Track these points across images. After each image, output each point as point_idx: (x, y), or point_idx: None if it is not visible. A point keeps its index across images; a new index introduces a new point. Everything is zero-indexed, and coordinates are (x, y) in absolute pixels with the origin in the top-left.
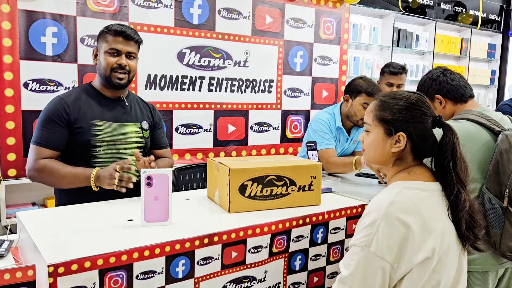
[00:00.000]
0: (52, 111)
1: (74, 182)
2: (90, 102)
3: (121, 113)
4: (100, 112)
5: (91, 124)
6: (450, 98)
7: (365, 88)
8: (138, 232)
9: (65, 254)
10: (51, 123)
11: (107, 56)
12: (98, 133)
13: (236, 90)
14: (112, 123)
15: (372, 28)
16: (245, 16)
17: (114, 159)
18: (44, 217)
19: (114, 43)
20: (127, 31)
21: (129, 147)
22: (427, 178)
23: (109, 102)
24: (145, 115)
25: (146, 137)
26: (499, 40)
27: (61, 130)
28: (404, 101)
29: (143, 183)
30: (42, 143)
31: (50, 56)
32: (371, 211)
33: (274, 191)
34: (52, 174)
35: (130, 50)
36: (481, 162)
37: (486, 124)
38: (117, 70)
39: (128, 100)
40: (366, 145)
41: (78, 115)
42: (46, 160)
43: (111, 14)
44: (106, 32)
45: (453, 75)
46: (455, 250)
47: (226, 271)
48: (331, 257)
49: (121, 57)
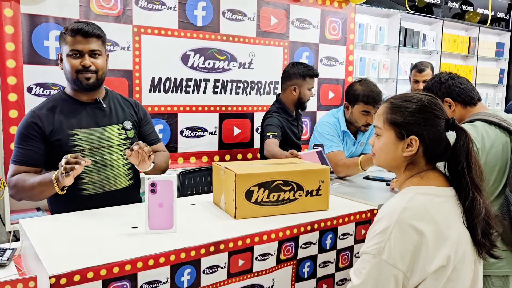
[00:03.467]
0: (24, 126)
1: (44, 189)
2: (65, 110)
3: (100, 116)
4: (77, 120)
5: (68, 134)
6: (459, 101)
7: (362, 96)
8: (142, 240)
9: (67, 264)
10: (25, 139)
11: (70, 59)
12: (77, 143)
13: (241, 92)
14: (91, 129)
15: (378, 28)
16: (250, 17)
17: (100, 165)
18: (47, 225)
19: (73, 44)
20: (85, 28)
21: (113, 151)
22: (441, 183)
23: (85, 107)
24: (128, 113)
25: (131, 137)
26: (508, 39)
27: (36, 145)
28: (416, 104)
29: (147, 189)
30: (18, 161)
31: (53, 60)
32: (383, 217)
33: (281, 196)
34: (24, 188)
35: (92, 48)
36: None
37: (502, 124)
38: (82, 71)
39: (106, 101)
40: (376, 149)
41: (53, 127)
42: (16, 176)
43: (115, 17)
44: (64, 33)
45: (461, 79)
46: (471, 258)
47: (233, 280)
48: (340, 263)
49: (84, 57)
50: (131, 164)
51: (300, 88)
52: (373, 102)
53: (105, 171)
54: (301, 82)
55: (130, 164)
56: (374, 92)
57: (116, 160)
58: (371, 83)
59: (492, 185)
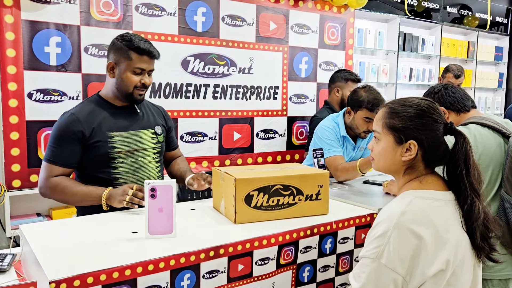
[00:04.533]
0: (63, 128)
1: (86, 200)
2: (103, 114)
3: (134, 121)
4: (114, 123)
5: (107, 136)
6: (453, 109)
7: (366, 102)
8: (142, 245)
9: (67, 269)
10: (62, 141)
11: (132, 75)
12: (116, 145)
13: (241, 97)
14: (127, 132)
15: (378, 33)
16: (249, 22)
17: (135, 167)
18: (47, 230)
19: (139, 62)
20: (153, 51)
21: (146, 154)
22: (440, 187)
23: (121, 112)
24: (158, 119)
25: (161, 142)
26: (507, 43)
27: (73, 147)
28: (414, 108)
29: (147, 195)
30: (53, 161)
31: (54, 66)
32: (382, 221)
33: (281, 200)
34: (64, 193)
35: (152, 68)
36: (496, 162)
37: (495, 127)
38: (139, 88)
39: (139, 106)
40: (375, 154)
41: (94, 130)
42: (58, 179)
43: (115, 23)
44: (129, 48)
45: (454, 88)
46: (470, 262)
47: (233, 285)
48: (340, 268)
49: (145, 75)
50: (160, 167)
51: (342, 90)
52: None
53: (139, 173)
54: (344, 84)
55: (160, 167)
56: (379, 99)
57: (149, 163)
58: (375, 90)
59: (487, 187)
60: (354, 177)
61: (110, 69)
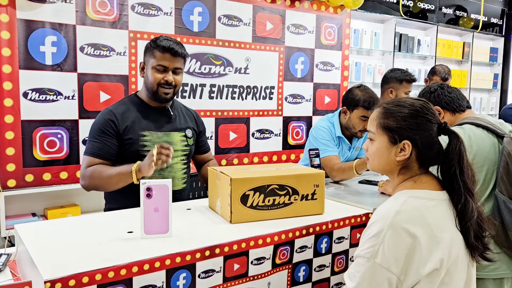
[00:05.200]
0: (101, 122)
1: (121, 179)
2: (137, 113)
3: (166, 122)
4: (147, 123)
5: (139, 135)
6: (448, 109)
7: (362, 101)
8: (138, 245)
9: (62, 269)
10: (101, 134)
11: (154, 72)
12: (146, 143)
13: (237, 97)
14: (158, 132)
15: (374, 33)
16: (246, 22)
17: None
18: (42, 230)
19: (161, 59)
20: (175, 48)
21: (175, 155)
22: (434, 186)
23: (154, 113)
24: (189, 122)
25: (190, 145)
26: (501, 44)
27: (111, 140)
28: (408, 108)
29: (143, 194)
30: (93, 153)
31: (49, 65)
32: (377, 221)
33: (277, 200)
34: (100, 177)
35: (177, 66)
36: (491, 162)
37: (489, 127)
38: (163, 85)
39: (173, 109)
40: (370, 154)
41: (127, 127)
42: (94, 166)
43: (111, 23)
44: (154, 47)
45: (450, 88)
46: (464, 261)
47: (228, 284)
48: (335, 267)
49: (168, 73)
50: (187, 169)
51: (397, 91)
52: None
53: (165, 172)
54: (398, 85)
55: (186, 169)
56: (374, 98)
57: (176, 164)
58: (370, 89)
59: (482, 186)
60: (350, 177)
61: (141, 69)
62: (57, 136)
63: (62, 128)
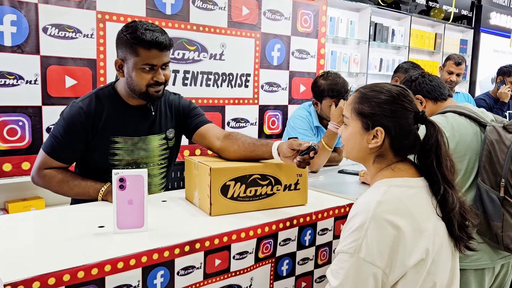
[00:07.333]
0: (69, 121)
1: (83, 195)
2: (113, 113)
3: (145, 124)
4: (122, 126)
5: (110, 141)
6: (430, 98)
7: (327, 90)
8: (110, 240)
9: (25, 270)
10: (65, 136)
11: (141, 73)
12: (117, 152)
13: (212, 84)
14: (134, 137)
15: (349, 22)
16: (221, 7)
17: None
18: (2, 226)
19: (148, 58)
20: (163, 41)
21: (150, 161)
22: (412, 173)
23: (133, 113)
24: (173, 121)
25: (171, 146)
26: (471, 36)
27: (76, 144)
28: (385, 94)
29: (115, 185)
30: (52, 155)
31: (9, 47)
32: (358, 213)
33: (259, 191)
34: (60, 186)
35: (165, 61)
36: (473, 151)
37: (472, 116)
38: (153, 85)
39: (155, 107)
40: (343, 139)
41: (98, 131)
42: (53, 171)
43: (77, 2)
44: (135, 43)
45: (431, 76)
46: (448, 249)
47: (209, 281)
48: (319, 260)
49: (157, 71)
50: (165, 174)
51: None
52: (339, 95)
53: None
54: (403, 76)
55: (165, 173)
56: (338, 84)
57: (152, 169)
58: (334, 75)
59: (464, 176)
60: (326, 158)
61: (119, 68)
62: (18, 123)
63: (23, 115)
